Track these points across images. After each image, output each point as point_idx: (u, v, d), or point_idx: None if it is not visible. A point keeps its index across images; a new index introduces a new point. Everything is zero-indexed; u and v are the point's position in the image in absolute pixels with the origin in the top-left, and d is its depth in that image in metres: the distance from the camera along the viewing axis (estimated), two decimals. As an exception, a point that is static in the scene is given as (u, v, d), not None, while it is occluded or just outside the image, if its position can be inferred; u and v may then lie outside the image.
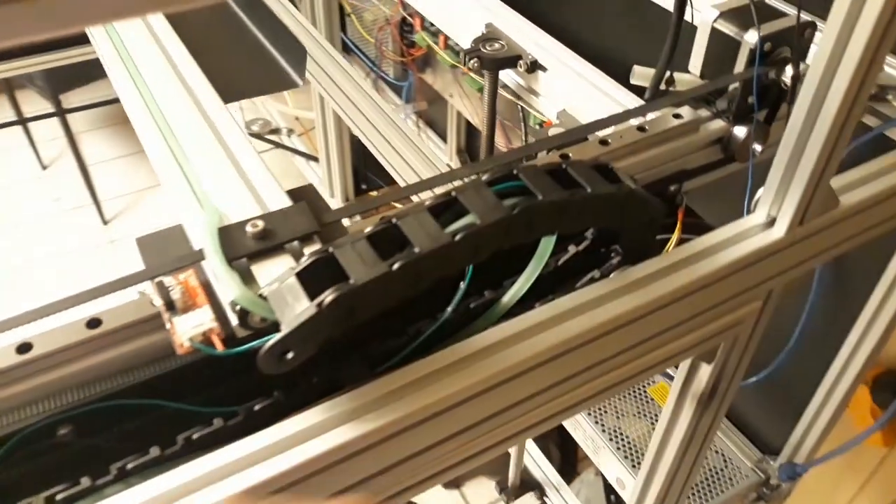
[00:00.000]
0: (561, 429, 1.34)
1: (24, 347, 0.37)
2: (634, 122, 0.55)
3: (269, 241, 0.38)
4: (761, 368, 0.84)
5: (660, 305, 0.43)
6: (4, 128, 2.51)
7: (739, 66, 0.54)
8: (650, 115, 0.56)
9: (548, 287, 0.45)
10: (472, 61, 0.62)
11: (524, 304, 0.44)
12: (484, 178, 0.38)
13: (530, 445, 1.12)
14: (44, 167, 2.62)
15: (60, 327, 0.38)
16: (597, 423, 0.92)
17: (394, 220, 0.37)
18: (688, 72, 0.58)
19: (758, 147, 0.54)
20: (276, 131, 1.37)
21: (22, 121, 2.39)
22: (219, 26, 0.59)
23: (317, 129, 1.24)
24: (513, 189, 0.38)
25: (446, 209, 0.38)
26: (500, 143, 1.08)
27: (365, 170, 1.32)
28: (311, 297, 0.34)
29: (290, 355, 0.34)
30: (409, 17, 1.18)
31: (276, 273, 0.36)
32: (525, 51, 0.63)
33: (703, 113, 0.56)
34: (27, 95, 2.39)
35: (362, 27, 1.29)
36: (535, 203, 0.37)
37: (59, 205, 2.50)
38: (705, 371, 0.53)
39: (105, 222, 2.43)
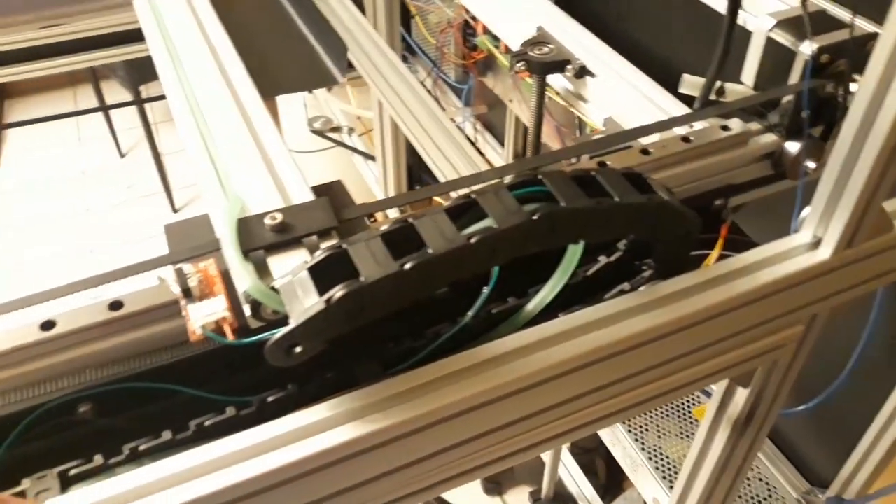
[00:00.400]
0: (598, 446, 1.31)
1: (47, 325, 0.38)
2: (680, 132, 0.53)
3: (286, 235, 0.38)
4: (813, 395, 0.80)
5: (691, 323, 0.41)
6: (87, 113, 2.62)
7: (794, 77, 0.51)
8: (697, 125, 0.55)
9: (575, 297, 0.44)
10: (519, 64, 0.61)
11: (549, 313, 0.43)
12: (506, 181, 0.37)
13: (566, 458, 1.10)
14: (122, 155, 2.72)
15: (84, 307, 0.39)
16: (637, 440, 0.89)
17: (410, 220, 0.36)
18: (740, 82, 0.56)
19: (810, 164, 0.52)
20: (337, 129, 1.39)
21: (103, 108, 2.49)
22: (265, 18, 0.60)
23: (374, 129, 1.25)
24: (536, 194, 0.37)
25: (466, 211, 0.37)
26: (556, 147, 1.07)
27: (419, 171, 1.32)
28: (321, 292, 0.34)
29: (298, 349, 0.34)
30: (471, 21, 1.18)
31: (291, 266, 0.36)
32: (574, 55, 0.62)
33: (754, 126, 0.53)
34: (110, 86, 2.49)
35: (426, 29, 1.30)
36: (557, 209, 0.36)
37: (132, 191, 2.60)
38: (741, 395, 0.51)
39: (175, 210, 2.51)
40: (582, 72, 0.61)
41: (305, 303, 0.34)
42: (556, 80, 0.67)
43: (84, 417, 0.39)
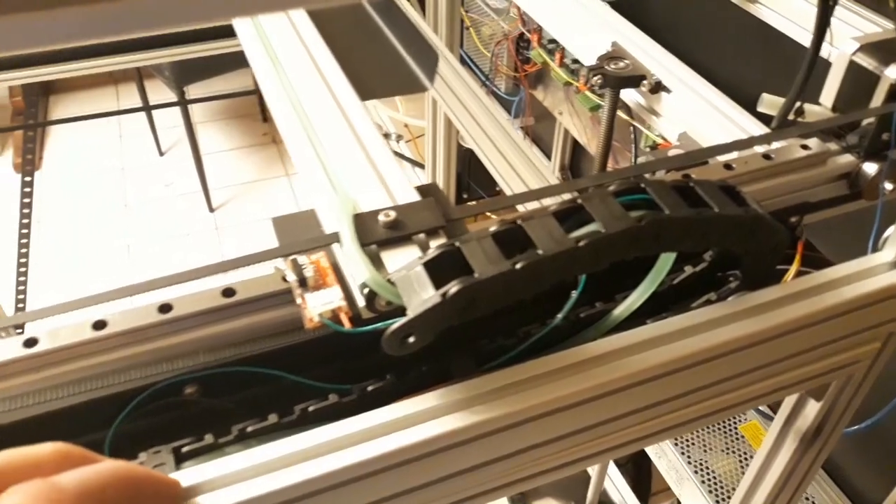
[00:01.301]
0: (637, 458, 1.31)
1: (164, 308, 0.40)
2: (759, 149, 0.54)
3: (398, 231, 0.39)
4: (865, 417, 0.81)
5: (777, 334, 0.42)
6: (132, 112, 2.67)
7: (877, 101, 0.52)
8: (775, 144, 0.56)
9: (660, 305, 0.45)
10: (595, 78, 0.63)
11: (635, 319, 0.44)
12: (610, 188, 0.39)
13: (611, 467, 1.11)
14: (161, 153, 2.77)
15: (199, 293, 0.40)
16: (683, 453, 0.90)
17: (518, 222, 0.38)
18: (818, 104, 0.57)
19: (888, 185, 0.53)
20: (386, 136, 1.41)
21: (147, 108, 2.54)
22: (357, 29, 0.62)
23: (426, 136, 1.27)
24: (638, 202, 0.39)
25: (570, 216, 0.38)
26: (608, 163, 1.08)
27: (468, 179, 1.34)
28: (437, 286, 0.35)
29: (411, 339, 0.36)
30: (526, 33, 1.20)
31: (403, 261, 0.38)
32: (649, 71, 0.63)
33: (833, 146, 0.54)
34: (154, 85, 2.53)
35: (479, 41, 1.32)
36: (664, 217, 0.37)
37: (170, 190, 2.64)
38: (812, 408, 0.52)
39: (211, 210, 2.55)
40: (657, 87, 0.63)
41: (422, 295, 0.35)
42: (626, 95, 0.68)
43: (191, 398, 0.41)
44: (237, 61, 2.42)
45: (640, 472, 1.35)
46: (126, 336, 0.39)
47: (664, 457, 0.91)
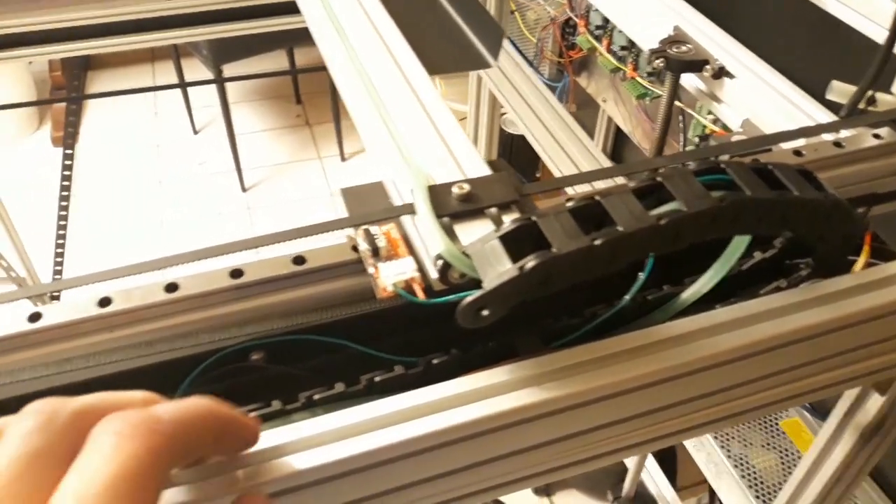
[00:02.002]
0: (665, 450, 1.30)
1: (236, 273, 0.40)
2: (828, 137, 0.53)
3: (471, 204, 0.39)
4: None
5: (849, 323, 0.41)
6: (168, 89, 2.69)
7: (954, 90, 0.51)
8: (844, 133, 0.55)
9: (730, 290, 0.44)
10: (658, 61, 0.62)
11: (703, 304, 0.44)
12: (690, 167, 0.38)
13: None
14: (195, 132, 2.78)
15: (269, 259, 0.40)
16: (722, 447, 0.89)
17: (597, 198, 0.37)
18: (890, 93, 0.55)
19: (962, 177, 0.52)
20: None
21: (183, 84, 2.56)
22: (421, 4, 0.62)
23: (468, 118, 1.26)
24: (716, 182, 0.38)
25: (649, 194, 0.38)
26: (649, 150, 1.07)
27: (509, 162, 1.33)
28: (512, 260, 0.35)
29: (485, 312, 0.35)
30: (574, 18, 1.19)
31: (476, 234, 0.37)
32: (712, 56, 0.62)
33: (905, 136, 0.53)
34: (190, 64, 2.55)
35: (524, 25, 1.31)
36: (745, 198, 0.36)
37: (203, 168, 2.66)
38: (875, 402, 0.51)
39: (244, 189, 2.56)
40: (720, 72, 0.62)
41: (498, 268, 0.35)
42: (686, 81, 0.67)
43: (257, 364, 0.41)
44: (274, 41, 2.43)
45: (665, 465, 1.35)
46: (197, 300, 0.39)
47: (702, 449, 0.90)
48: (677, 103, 0.80)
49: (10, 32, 0.95)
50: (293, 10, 0.64)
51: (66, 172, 1.80)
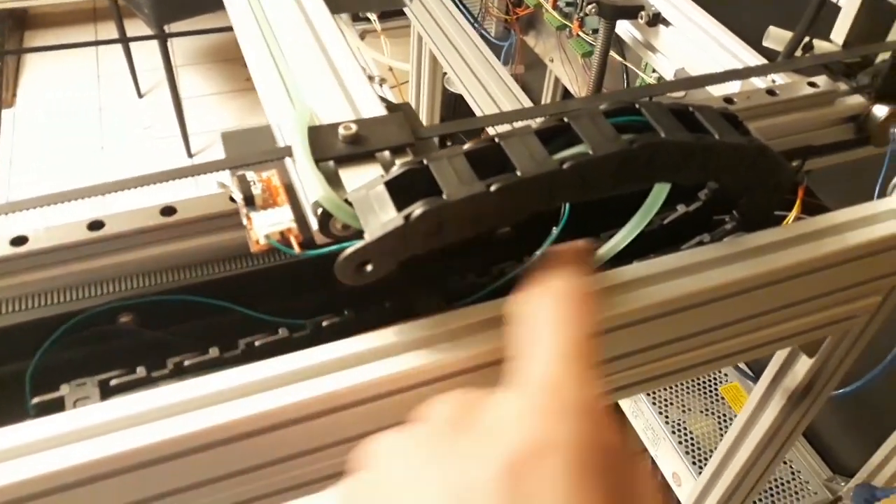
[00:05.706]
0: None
1: (95, 225, 0.36)
2: (762, 84, 0.50)
3: (359, 147, 0.35)
4: (850, 382, 0.78)
5: (774, 280, 0.39)
6: (109, 44, 2.58)
7: (893, 36, 0.48)
8: (778, 80, 0.52)
9: (650, 245, 0.41)
10: (589, 6, 0.58)
11: (621, 260, 0.40)
12: (601, 107, 0.35)
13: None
14: (140, 95, 2.68)
15: (133, 210, 0.36)
16: (661, 413, 0.87)
17: (496, 140, 0.33)
18: (829, 40, 0.52)
19: (899, 130, 0.49)
20: (369, 79, 1.36)
21: (124, 39, 2.45)
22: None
23: (410, 77, 1.22)
24: (631, 124, 0.35)
25: (555, 136, 0.34)
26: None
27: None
28: (399, 208, 0.31)
29: (369, 267, 0.32)
30: (519, -27, 1.14)
31: (364, 180, 0.33)
32: (648, 2, 0.59)
33: (842, 86, 0.50)
34: (135, 24, 2.44)
35: (469, -20, 1.26)
36: (660, 141, 0.33)
37: (148, 133, 2.56)
38: (804, 364, 0.48)
39: (190, 155, 2.48)
40: (655, 19, 0.58)
41: (382, 218, 0.31)
42: (623, 30, 0.63)
43: (126, 328, 0.37)
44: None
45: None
46: (50, 254, 0.35)
47: (641, 416, 0.88)
48: (620, 59, 0.77)
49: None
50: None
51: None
